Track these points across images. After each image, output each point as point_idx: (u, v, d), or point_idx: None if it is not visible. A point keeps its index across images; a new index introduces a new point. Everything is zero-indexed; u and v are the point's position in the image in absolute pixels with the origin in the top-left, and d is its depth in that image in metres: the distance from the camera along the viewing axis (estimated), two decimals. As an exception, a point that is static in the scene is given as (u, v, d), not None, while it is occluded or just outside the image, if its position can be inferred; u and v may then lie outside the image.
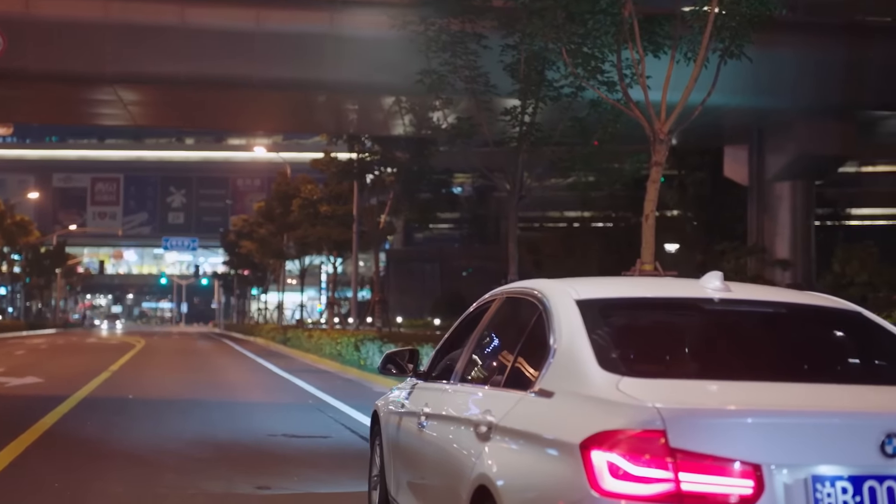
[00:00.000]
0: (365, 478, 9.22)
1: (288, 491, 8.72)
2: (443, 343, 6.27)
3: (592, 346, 4.08)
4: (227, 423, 13.68)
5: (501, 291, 5.47)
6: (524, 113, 18.22)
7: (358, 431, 13.03)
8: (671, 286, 4.99)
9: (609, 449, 3.53)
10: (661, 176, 34.81)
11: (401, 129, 27.50)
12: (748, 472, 3.43)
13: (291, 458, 10.65)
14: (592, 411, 3.74)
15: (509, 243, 19.17)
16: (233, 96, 26.74)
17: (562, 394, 4.04)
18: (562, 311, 4.42)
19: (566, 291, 4.60)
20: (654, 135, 13.12)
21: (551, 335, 4.36)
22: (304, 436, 12.47)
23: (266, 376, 25.03)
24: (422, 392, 6.02)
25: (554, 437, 3.85)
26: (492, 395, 4.72)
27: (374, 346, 24.60)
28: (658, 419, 3.49)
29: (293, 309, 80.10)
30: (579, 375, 4.00)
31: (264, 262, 63.82)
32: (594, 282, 5.03)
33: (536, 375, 4.30)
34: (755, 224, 29.02)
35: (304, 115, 29.83)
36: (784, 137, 27.43)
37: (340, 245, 40.65)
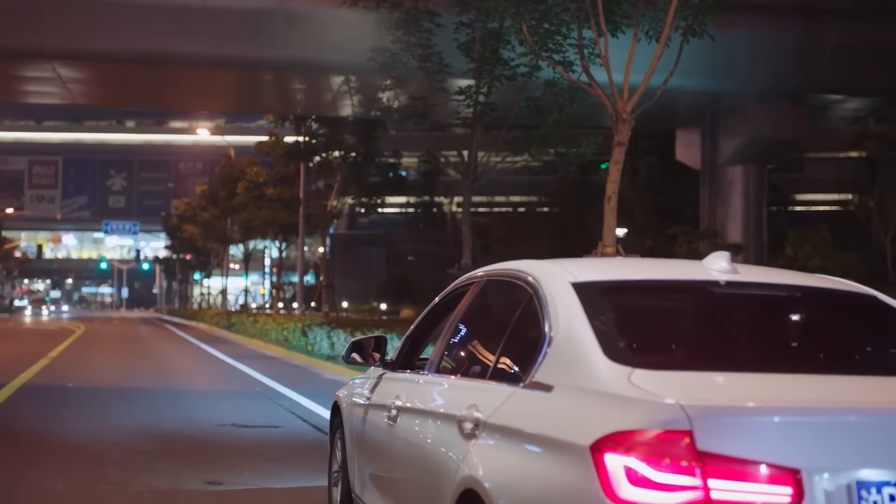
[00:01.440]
0: (322, 471, 8.77)
1: (240, 486, 8.21)
2: (413, 330, 5.80)
3: (595, 334, 3.64)
4: (173, 413, 13.11)
5: (481, 273, 5.01)
6: (479, 93, 17.76)
7: (310, 420, 12.56)
8: (671, 268, 4.56)
9: (626, 452, 3.09)
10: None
11: (349, 109, 26.94)
12: (786, 478, 3.02)
13: (242, 449, 10.14)
14: (603, 408, 3.30)
15: (462, 227, 18.75)
16: (177, 74, 25.93)
17: (562, 388, 3.59)
18: (557, 295, 3.97)
19: (560, 273, 4.16)
20: (616, 114, 12.73)
21: (546, 322, 3.91)
22: (253, 425, 11.98)
23: (211, 363, 24.41)
24: (391, 383, 5.56)
25: (557, 436, 3.40)
26: (477, 388, 4.27)
27: (321, 331, 24.12)
28: (683, 418, 3.05)
29: (236, 294, 79.13)
30: (582, 367, 3.56)
31: (207, 247, 62.84)
32: (587, 263, 4.60)
33: (529, 367, 3.86)
34: (707, 208, 28.85)
35: (251, 95, 29.08)
36: (737, 121, 27.24)
37: (286, 229, 39.94)
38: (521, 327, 4.25)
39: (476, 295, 4.89)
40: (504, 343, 4.28)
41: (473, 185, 18.59)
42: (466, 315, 4.91)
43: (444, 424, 4.33)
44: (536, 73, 17.72)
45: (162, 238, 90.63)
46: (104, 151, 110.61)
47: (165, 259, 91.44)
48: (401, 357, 5.74)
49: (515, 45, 17.00)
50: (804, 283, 4.30)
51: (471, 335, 4.89)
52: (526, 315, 4.22)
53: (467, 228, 18.52)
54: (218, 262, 67.68)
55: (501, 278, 4.72)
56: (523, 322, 4.25)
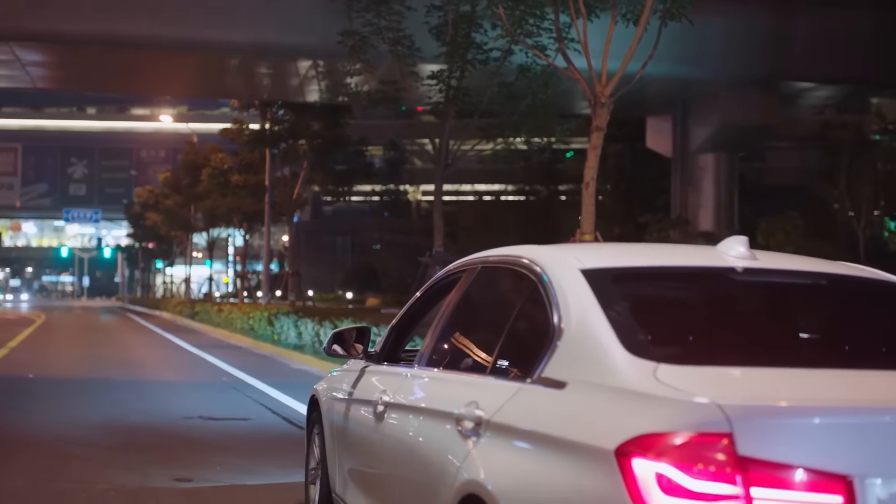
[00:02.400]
0: (295, 465, 8.43)
1: (211, 483, 7.85)
2: (398, 321, 5.47)
3: (612, 326, 3.32)
4: (138, 405, 12.69)
5: (475, 260, 4.68)
6: (451, 76, 17.41)
7: (280, 413, 12.21)
8: (683, 253, 4.25)
9: (658, 457, 2.77)
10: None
11: (317, 95, 26.47)
12: (836, 486, 2.71)
13: (211, 443, 9.77)
14: (627, 408, 2.98)
15: (434, 214, 18.41)
16: (140, 58, 25.34)
17: (577, 384, 3.27)
18: (566, 284, 3.65)
19: (567, 260, 3.84)
20: (595, 98, 12.44)
21: (554, 312, 3.59)
22: (222, 418, 11.61)
23: (176, 352, 23.95)
24: (376, 377, 5.22)
25: (574, 438, 3.08)
26: (476, 383, 3.94)
27: (288, 320, 23.74)
28: (722, 419, 2.74)
29: (199, 283, 78.38)
30: (600, 361, 3.24)
31: (170, 235, 62.05)
32: (593, 248, 4.29)
33: (536, 361, 3.53)
34: (679, 196, 28.67)
35: (216, 80, 28.52)
36: (709, 108, 27.06)
37: (251, 217, 39.38)
38: (525, 318, 3.93)
39: (470, 283, 4.56)
40: (505, 335, 3.96)
41: (445, 171, 18.24)
42: (460, 305, 4.57)
43: (440, 423, 4.00)
44: (509, 58, 17.41)
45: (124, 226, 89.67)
46: (65, 138, 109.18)
47: (127, 247, 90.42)
48: (385, 349, 5.41)
49: (488, 28, 16.70)
50: (828, 270, 4.00)
51: (466, 326, 4.56)
52: (530, 305, 3.90)
53: (439, 215, 18.19)
54: (181, 250, 66.93)
55: (499, 265, 4.39)
56: (527, 312, 3.93)
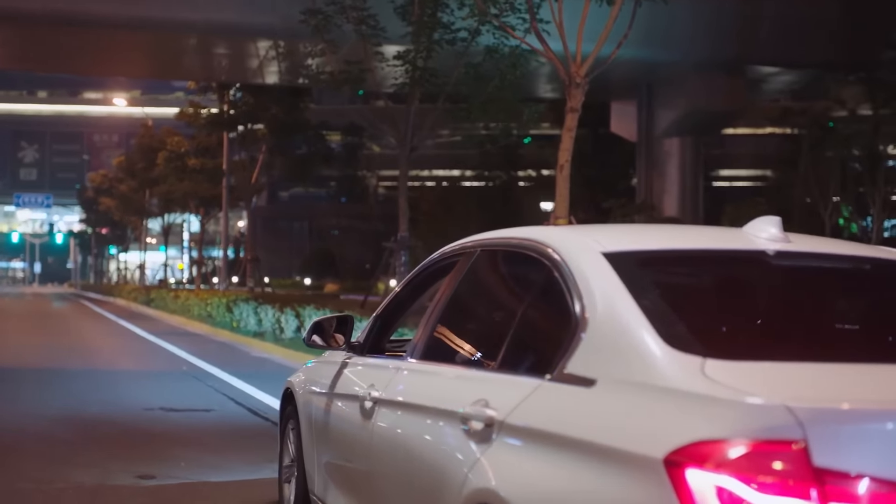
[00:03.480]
0: (264, 461, 8.04)
1: (175, 480, 7.41)
2: (383, 309, 5.06)
3: (646, 315, 2.95)
4: (96, 396, 12.19)
5: (472, 243, 4.28)
6: (418, 56, 16.96)
7: (244, 403, 11.77)
8: (709, 235, 3.87)
9: (717, 467, 2.40)
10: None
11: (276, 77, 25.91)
12: None
13: (173, 437, 9.32)
14: (675, 409, 2.60)
15: (400, 198, 18.00)
16: (93, 37, 24.62)
17: (609, 382, 2.89)
18: (588, 269, 3.27)
19: (586, 242, 3.46)
20: (569, 79, 12.07)
21: (576, 301, 3.20)
22: (184, 409, 11.16)
23: (132, 340, 23.36)
24: (361, 370, 4.83)
25: (611, 444, 2.70)
26: (484, 379, 3.56)
27: (248, 307, 23.29)
28: (793, 423, 2.38)
29: (154, 269, 77.39)
30: (635, 356, 2.87)
31: (125, 220, 61.07)
32: (611, 230, 3.90)
33: (556, 355, 3.15)
34: (644, 181, 28.45)
35: (172, 60, 27.86)
36: (674, 92, 26.83)
37: (208, 201, 38.69)
38: (538, 307, 3.55)
39: (469, 269, 4.16)
40: (515, 326, 3.57)
41: (411, 154, 17.82)
42: (458, 293, 4.18)
43: (441, 422, 3.62)
44: (477, 39, 17.01)
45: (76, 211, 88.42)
46: (15, 122, 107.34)
47: (80, 233, 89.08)
48: (369, 339, 5.01)
49: (455, 8, 16.29)
50: (869, 254, 3.65)
51: (467, 316, 4.18)
52: (543, 292, 3.52)
53: (405, 199, 17.79)
54: (135, 235, 65.95)
55: (505, 249, 4.01)
56: (540, 301, 3.55)
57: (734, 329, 3.07)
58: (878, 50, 25.27)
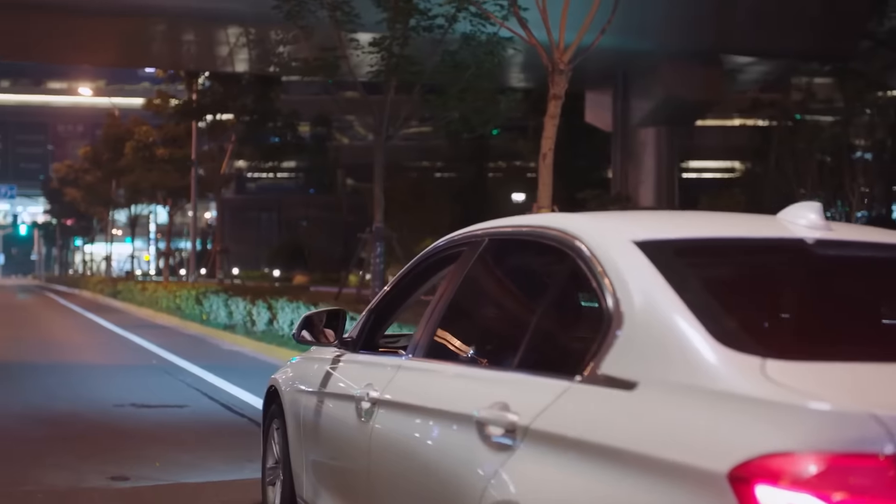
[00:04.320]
0: (242, 459, 7.72)
1: (151, 482, 7.06)
2: (377, 303, 4.73)
3: (692, 311, 2.65)
4: (64, 392, 11.79)
5: (478, 232, 3.96)
6: (394, 43, 16.60)
7: (218, 399, 11.41)
8: (744, 222, 3.57)
9: (794, 484, 2.11)
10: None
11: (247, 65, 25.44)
12: None
13: (147, 435, 8.96)
14: (738, 417, 2.31)
15: (375, 188, 17.63)
16: (59, 24, 24.03)
17: (653, 384, 2.59)
18: (620, 259, 2.96)
19: (615, 230, 3.16)
20: (552, 65, 11.77)
21: (607, 294, 2.90)
22: (156, 405, 10.79)
23: (100, 333, 22.88)
24: (356, 367, 4.51)
25: (661, 455, 2.40)
26: (502, 380, 3.24)
27: (218, 299, 22.87)
28: (881, 434, 2.09)
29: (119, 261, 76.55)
30: (683, 356, 2.57)
31: (90, 211, 60.25)
32: (639, 216, 3.59)
33: (587, 354, 2.85)
34: (619, 172, 28.22)
35: (140, 47, 27.27)
36: (650, 82, 26.60)
37: (176, 192, 38.11)
38: (561, 302, 3.25)
39: (476, 260, 3.84)
40: (536, 323, 3.27)
41: (387, 143, 17.47)
42: (465, 286, 3.86)
43: (453, 427, 3.31)
44: (454, 26, 16.69)
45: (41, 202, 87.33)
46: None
47: (45, 224, 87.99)
48: (363, 335, 4.69)
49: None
50: None
51: (476, 311, 3.87)
52: (567, 285, 3.23)
53: (380, 190, 17.42)
54: (102, 227, 65.13)
55: (516, 238, 3.70)
56: (563, 295, 3.26)
57: (788, 325, 2.78)
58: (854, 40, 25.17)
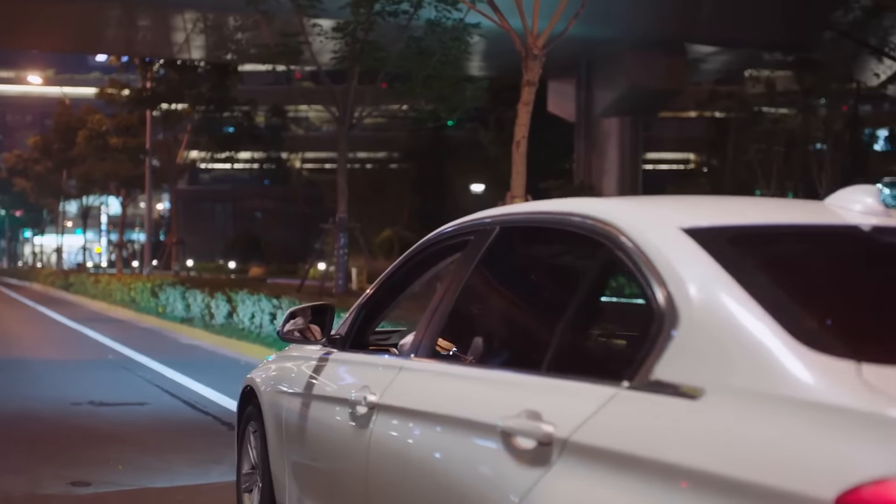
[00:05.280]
0: (210, 462, 7.33)
1: (114, 487, 6.64)
2: (369, 297, 4.35)
3: (764, 307, 2.31)
4: (17, 389, 11.29)
5: (486, 220, 3.58)
6: (358, 28, 16.17)
7: (180, 395, 10.99)
8: (793, 208, 3.23)
9: None
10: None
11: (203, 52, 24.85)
12: None
13: (107, 435, 8.52)
14: (838, 432, 1.97)
15: (338, 178, 17.22)
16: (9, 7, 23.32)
17: (723, 392, 2.24)
18: (670, 249, 2.61)
19: (659, 216, 2.82)
20: (526, 50, 11.44)
21: (656, 289, 2.55)
22: (115, 403, 10.35)
23: (53, 327, 22.27)
24: (348, 368, 4.13)
25: (745, 477, 2.05)
26: (531, 385, 2.86)
27: (175, 292, 22.39)
28: None
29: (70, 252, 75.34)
30: (757, 359, 2.22)
31: (40, 202, 59.12)
32: (678, 202, 3.24)
33: (635, 357, 2.51)
34: (582, 161, 27.96)
35: (94, 33, 26.51)
36: (614, 71, 26.34)
37: (130, 182, 37.33)
38: (596, 296, 2.90)
39: (487, 250, 3.47)
40: (568, 320, 2.91)
41: (350, 131, 17.04)
42: (475, 278, 3.49)
43: (472, 437, 2.94)
44: (419, 12, 16.32)
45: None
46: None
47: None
48: (352, 332, 4.31)
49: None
50: None
51: (491, 306, 3.50)
52: (603, 279, 2.88)
53: (343, 180, 16.98)
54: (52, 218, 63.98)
55: (538, 225, 3.34)
56: (599, 289, 2.90)
57: (871, 324, 2.44)
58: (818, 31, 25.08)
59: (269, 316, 16.25)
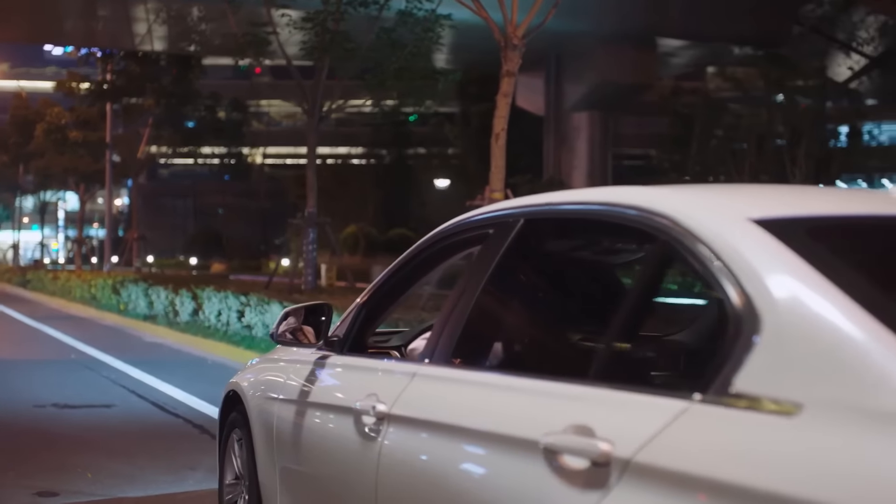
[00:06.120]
0: (184, 467, 6.99)
1: (84, 497, 6.25)
2: (370, 296, 4.00)
3: (866, 309, 2.00)
4: (-24, 391, 10.84)
5: (506, 211, 3.24)
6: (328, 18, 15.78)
7: (148, 397, 10.60)
8: (860, 199, 2.93)
9: None
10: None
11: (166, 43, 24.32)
12: None
13: (73, 439, 8.12)
14: None
15: (308, 172, 16.84)
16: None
17: (828, 408, 1.93)
18: (745, 244, 2.30)
19: (723, 206, 2.51)
20: (505, 40, 11.13)
21: (730, 288, 2.23)
22: (80, 405, 9.95)
23: (11, 325, 21.69)
24: (350, 374, 3.79)
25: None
26: (582, 396, 2.52)
27: (137, 289, 21.95)
28: None
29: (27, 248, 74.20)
30: (869, 370, 1.92)
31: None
32: (738, 190, 2.93)
33: (711, 365, 2.19)
34: (552, 156, 27.70)
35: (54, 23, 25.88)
36: (584, 65, 26.10)
37: (90, 177, 36.60)
38: (648, 297, 2.58)
39: (511, 244, 3.13)
40: (615, 322, 2.59)
41: (319, 124, 16.65)
42: (499, 276, 3.15)
43: (508, 455, 2.61)
44: (389, 2, 15.98)
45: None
46: None
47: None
48: (352, 334, 3.97)
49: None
50: None
51: (519, 307, 3.17)
52: (657, 276, 2.56)
53: (313, 174, 16.61)
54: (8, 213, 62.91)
55: (573, 218, 3.01)
56: (653, 287, 2.58)
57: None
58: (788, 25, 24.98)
59: (236, 313, 15.86)
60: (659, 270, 2.58)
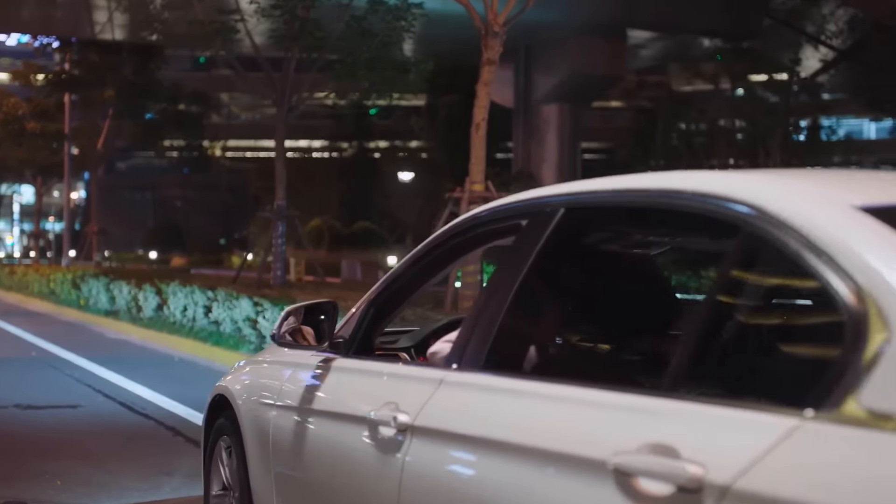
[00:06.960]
0: (158, 472, 6.62)
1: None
2: (378, 294, 3.64)
3: None
4: (-67, 392, 10.37)
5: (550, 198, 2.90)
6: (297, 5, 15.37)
7: (115, 396, 10.19)
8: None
9: None
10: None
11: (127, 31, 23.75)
12: None
13: (39, 443, 7.71)
14: None
15: (276, 164, 16.44)
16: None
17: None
18: (856, 236, 2.00)
19: (820, 193, 2.20)
20: (486, 28, 10.81)
21: (845, 288, 1.93)
22: (45, 406, 9.53)
23: (-33, 321, 21.08)
24: (361, 378, 3.43)
25: None
26: (660, 411, 2.18)
27: (98, 283, 21.43)
28: None
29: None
30: None
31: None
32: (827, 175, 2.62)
33: (824, 378, 1.88)
34: (521, 149, 27.39)
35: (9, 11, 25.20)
36: (554, 56, 25.79)
37: (48, 169, 35.84)
38: (735, 296, 2.26)
39: (551, 237, 2.80)
40: (700, 328, 2.26)
41: (289, 114, 16.25)
42: (538, 272, 2.82)
43: (567, 476, 2.28)
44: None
45: None
46: None
47: None
48: (359, 334, 3.62)
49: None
50: None
51: (569, 307, 2.84)
52: (746, 274, 2.24)
53: (281, 165, 16.22)
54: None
55: (628, 206, 2.69)
56: (737, 286, 2.26)
57: None
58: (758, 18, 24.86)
59: (202, 309, 15.43)
60: (743, 266, 2.26)
